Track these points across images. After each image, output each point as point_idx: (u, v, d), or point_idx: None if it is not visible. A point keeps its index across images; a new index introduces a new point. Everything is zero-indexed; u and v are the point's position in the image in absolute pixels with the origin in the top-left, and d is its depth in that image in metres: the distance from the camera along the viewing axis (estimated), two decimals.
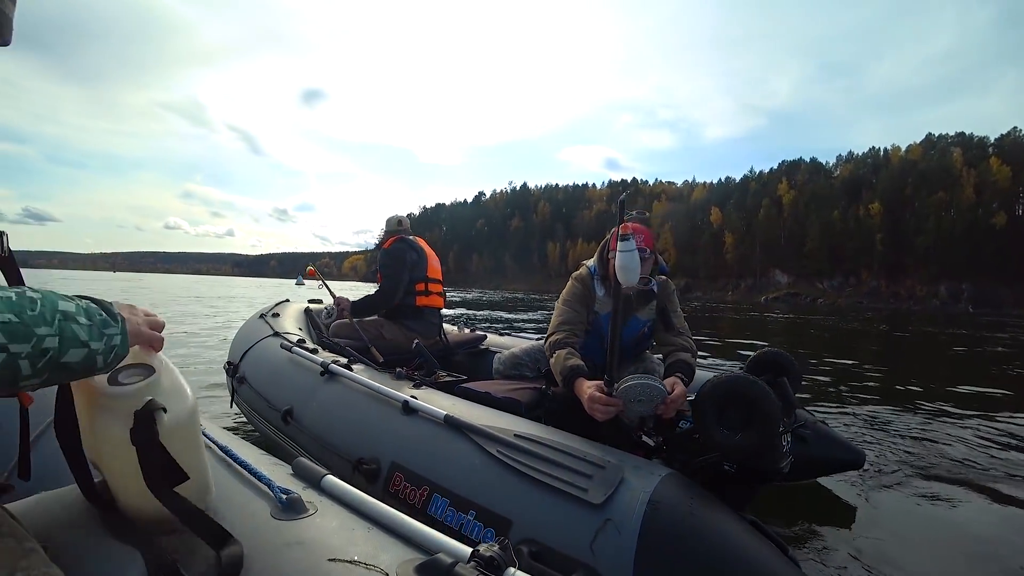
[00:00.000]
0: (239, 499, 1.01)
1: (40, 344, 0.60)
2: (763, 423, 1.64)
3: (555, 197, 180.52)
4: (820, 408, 4.85)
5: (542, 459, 1.49)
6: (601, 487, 1.38)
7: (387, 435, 1.88)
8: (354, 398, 2.12)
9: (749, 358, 2.28)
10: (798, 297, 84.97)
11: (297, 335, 3.07)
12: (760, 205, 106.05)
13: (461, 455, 1.64)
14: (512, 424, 1.72)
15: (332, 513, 0.99)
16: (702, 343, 11.16)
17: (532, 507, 1.42)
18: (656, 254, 2.30)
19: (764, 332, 16.27)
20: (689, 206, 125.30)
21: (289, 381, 2.50)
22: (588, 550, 1.29)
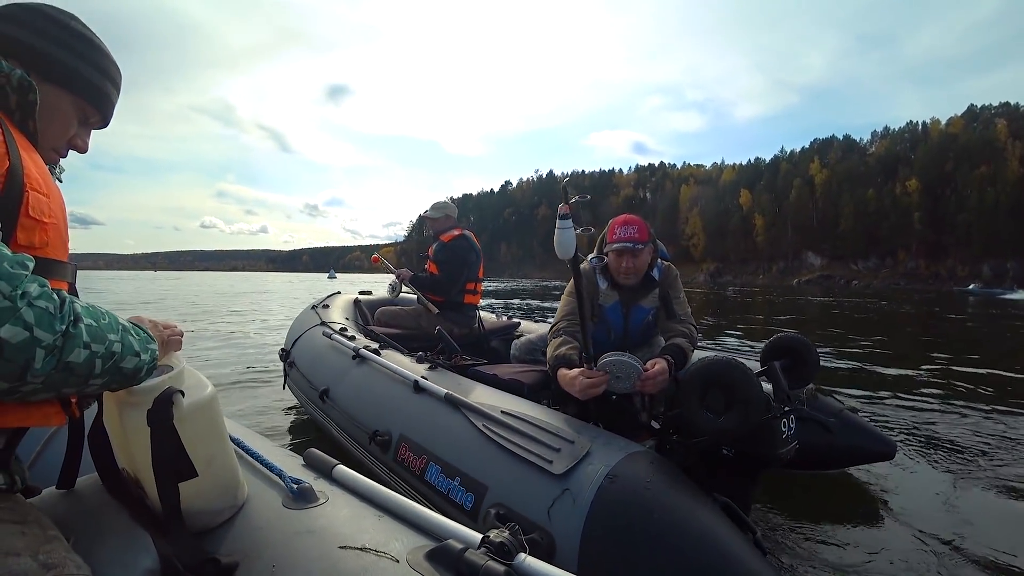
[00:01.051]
0: (251, 489, 1.03)
1: (110, 348, 0.69)
2: (744, 406, 1.66)
3: (582, 183, 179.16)
4: (854, 396, 4.58)
5: (520, 433, 1.61)
6: (565, 460, 1.48)
7: (399, 411, 2.07)
8: (377, 379, 2.33)
9: (766, 344, 2.30)
10: (831, 279, 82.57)
11: (341, 324, 3.29)
12: (791, 186, 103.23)
13: (454, 428, 1.79)
14: (507, 403, 1.84)
15: (343, 502, 1.00)
16: (729, 329, 10.94)
17: (505, 475, 1.54)
18: (656, 243, 2.29)
19: (795, 317, 15.69)
20: (718, 189, 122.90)
21: (327, 365, 2.76)
22: (546, 515, 1.40)
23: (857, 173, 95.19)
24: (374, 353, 2.48)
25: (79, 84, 0.86)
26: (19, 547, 0.68)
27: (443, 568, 0.79)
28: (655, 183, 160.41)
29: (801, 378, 2.21)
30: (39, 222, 0.72)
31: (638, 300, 2.31)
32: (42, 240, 0.74)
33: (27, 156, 0.74)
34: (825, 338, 9.14)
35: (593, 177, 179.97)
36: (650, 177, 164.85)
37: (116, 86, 0.93)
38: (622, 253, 2.20)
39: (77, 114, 0.88)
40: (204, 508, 0.92)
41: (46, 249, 0.75)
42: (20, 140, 0.75)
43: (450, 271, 3.49)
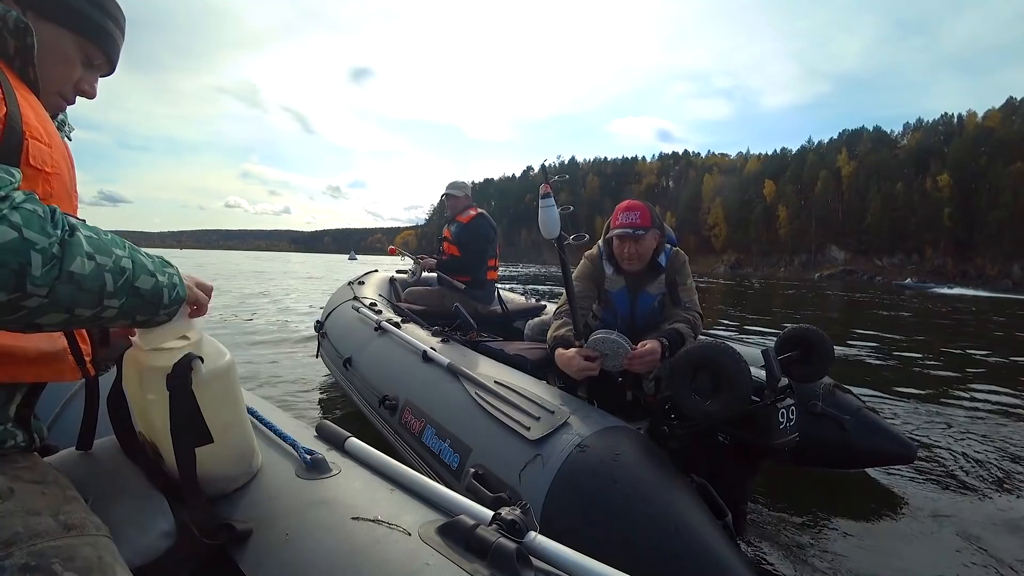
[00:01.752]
0: (265, 458, 1.05)
1: (119, 262, 0.63)
2: (730, 390, 1.66)
3: (604, 171, 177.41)
4: (875, 395, 4.39)
5: (507, 402, 1.71)
6: (541, 427, 1.56)
7: (407, 378, 2.20)
8: (393, 349, 2.48)
9: (779, 335, 2.29)
10: (854, 275, 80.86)
11: (372, 299, 3.47)
12: (817, 178, 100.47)
13: (450, 395, 1.90)
14: (504, 375, 1.93)
15: (355, 474, 1.01)
16: (748, 320, 10.94)
17: (488, 439, 1.65)
18: (662, 228, 2.29)
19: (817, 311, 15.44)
20: (742, 179, 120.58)
21: (353, 335, 2.95)
22: (517, 477, 1.49)
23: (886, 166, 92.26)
24: (394, 326, 2.61)
25: (80, 22, 0.81)
26: (40, 506, 0.68)
27: (454, 543, 0.80)
28: (678, 172, 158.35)
29: (814, 371, 2.21)
30: (40, 171, 0.69)
31: (644, 286, 2.31)
32: (45, 191, 0.71)
33: (26, 104, 0.70)
34: (847, 334, 8.93)
35: (615, 164, 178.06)
36: (673, 165, 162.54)
37: (119, 26, 0.89)
38: (624, 239, 2.20)
39: (80, 56, 0.84)
40: (220, 474, 0.94)
41: (49, 200, 0.70)
42: (19, 88, 0.71)
43: (475, 250, 3.58)
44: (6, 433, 0.73)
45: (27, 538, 0.63)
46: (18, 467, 0.73)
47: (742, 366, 1.68)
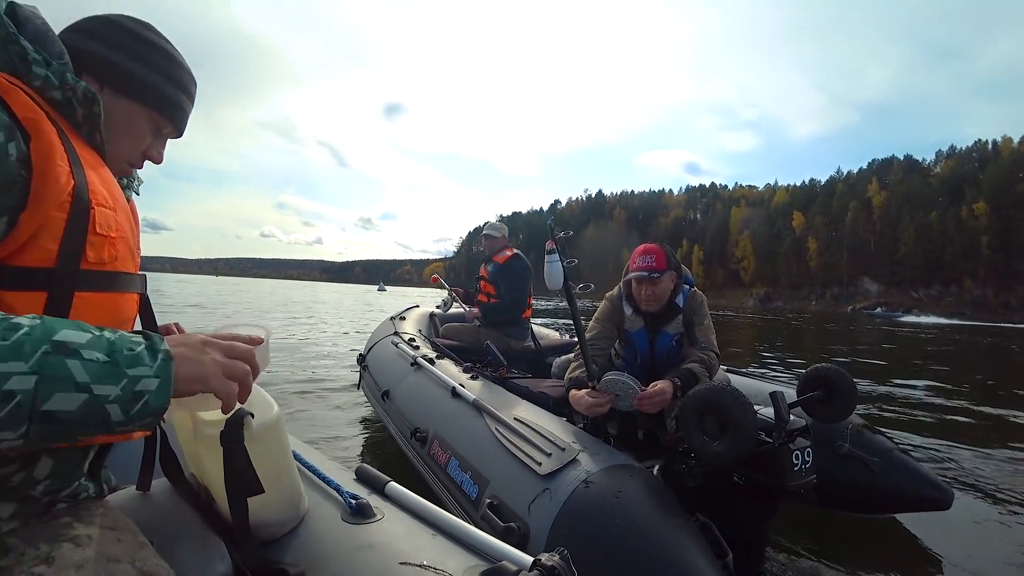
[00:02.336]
0: (310, 501, 1.07)
1: (2, 384, 0.48)
2: (736, 432, 1.67)
3: (631, 204, 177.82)
4: (909, 436, 4.14)
5: (523, 438, 1.79)
6: (552, 463, 1.64)
7: (437, 412, 2.31)
8: (426, 384, 2.59)
9: (801, 375, 2.28)
10: (888, 307, 78.74)
11: (412, 334, 3.65)
12: (847, 208, 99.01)
13: (474, 430, 1.99)
14: (525, 412, 2.02)
15: (398, 519, 1.02)
16: (769, 357, 10.65)
17: (504, 472, 1.73)
18: (679, 269, 2.33)
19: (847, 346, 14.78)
20: (770, 211, 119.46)
21: (391, 369, 3.09)
22: (527, 508, 1.56)
23: (919, 195, 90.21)
24: (429, 362, 2.74)
25: (153, 97, 0.84)
26: (118, 553, 0.69)
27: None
28: (705, 204, 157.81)
29: (837, 411, 2.17)
30: (106, 237, 0.70)
31: (663, 326, 2.35)
32: (111, 255, 0.72)
33: (92, 171, 0.71)
34: (878, 370, 8.67)
35: (642, 197, 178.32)
36: (700, 198, 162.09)
37: (190, 96, 0.92)
38: (641, 282, 2.27)
39: (150, 126, 0.86)
40: (270, 520, 0.96)
41: (115, 263, 0.73)
42: (86, 154, 0.73)
43: (513, 287, 3.69)
44: (80, 487, 0.74)
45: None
46: (94, 514, 0.73)
47: (746, 408, 1.69)
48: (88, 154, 0.74)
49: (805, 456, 1.79)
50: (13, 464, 0.65)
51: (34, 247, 0.63)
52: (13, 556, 0.62)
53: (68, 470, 0.72)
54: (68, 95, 0.72)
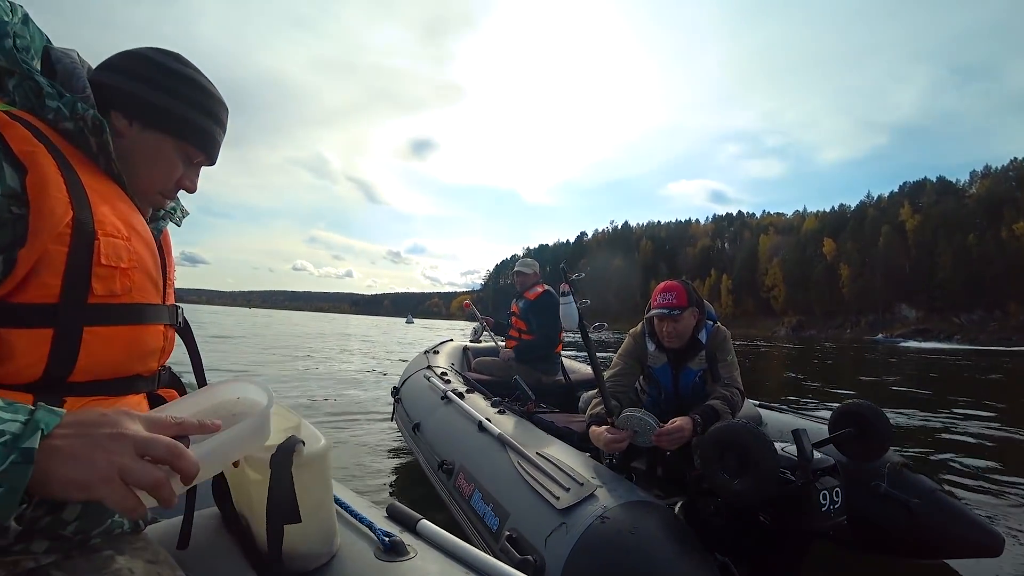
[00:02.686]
0: (343, 538, 1.07)
1: None
2: (756, 469, 1.66)
3: (658, 235, 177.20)
4: (955, 476, 3.89)
5: (543, 472, 1.81)
6: (570, 498, 1.64)
7: (463, 445, 2.35)
8: (454, 418, 2.64)
9: (833, 411, 2.23)
10: (927, 333, 75.49)
11: (444, 368, 3.68)
12: (879, 233, 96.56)
13: (498, 463, 2.02)
14: (548, 446, 2.04)
15: (431, 557, 1.02)
16: (804, 389, 10.28)
17: (523, 505, 1.74)
18: (702, 305, 2.33)
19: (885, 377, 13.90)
20: (800, 238, 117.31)
21: (422, 402, 3.14)
22: (543, 542, 1.57)
23: (955, 217, 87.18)
24: (458, 396, 2.79)
25: (180, 127, 0.83)
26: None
27: None
28: (733, 233, 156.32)
29: (871, 449, 2.12)
30: (116, 268, 0.68)
31: (686, 362, 2.34)
32: (124, 286, 0.70)
33: (104, 202, 0.70)
34: (920, 402, 8.14)
35: (669, 227, 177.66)
36: (728, 227, 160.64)
37: (220, 124, 0.90)
38: (662, 319, 2.27)
39: (181, 156, 0.85)
40: (304, 552, 0.97)
41: (131, 294, 0.71)
42: (100, 185, 0.71)
43: (546, 331, 3.77)
44: (114, 524, 0.74)
45: None
46: (135, 547, 0.74)
47: (766, 445, 1.67)
48: (102, 185, 0.73)
49: (834, 496, 1.75)
50: (40, 508, 0.63)
51: (35, 283, 0.61)
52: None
53: (99, 511, 0.70)
54: (80, 125, 0.71)
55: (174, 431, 0.54)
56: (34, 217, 0.60)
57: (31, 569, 0.63)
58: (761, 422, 2.72)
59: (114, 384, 0.73)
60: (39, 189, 0.61)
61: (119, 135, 0.78)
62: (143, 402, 0.79)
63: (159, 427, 0.53)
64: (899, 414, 6.69)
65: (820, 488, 1.73)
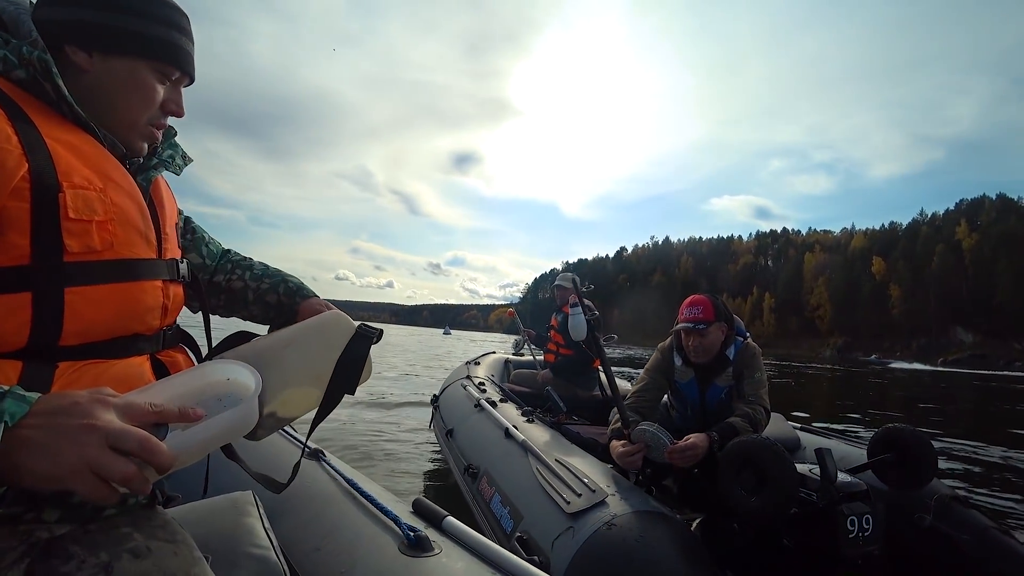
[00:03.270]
0: (367, 531, 1.06)
1: None
2: (773, 486, 1.62)
3: (699, 250, 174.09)
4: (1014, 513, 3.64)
5: (559, 478, 1.83)
6: (580, 503, 1.66)
7: (489, 451, 2.41)
8: (484, 424, 2.71)
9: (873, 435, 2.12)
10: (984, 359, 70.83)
11: (483, 379, 3.78)
12: (933, 252, 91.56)
13: (519, 468, 2.06)
14: (569, 455, 2.07)
15: (456, 554, 1.00)
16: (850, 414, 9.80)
17: (537, 508, 1.78)
18: (730, 320, 2.29)
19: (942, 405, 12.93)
20: (847, 256, 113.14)
21: (458, 410, 3.24)
22: (551, 544, 1.60)
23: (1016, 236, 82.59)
24: (491, 405, 2.86)
25: (145, 46, 0.74)
26: (174, 567, 0.67)
27: None
28: (777, 250, 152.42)
29: (913, 477, 1.99)
30: (89, 222, 0.63)
31: (713, 378, 2.30)
32: (104, 241, 0.65)
33: (69, 151, 0.64)
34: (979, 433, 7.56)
35: (711, 244, 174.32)
36: (772, 244, 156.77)
37: (183, 31, 0.80)
38: (689, 333, 2.24)
39: (156, 77, 0.77)
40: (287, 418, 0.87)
41: (114, 249, 0.67)
42: (64, 134, 0.66)
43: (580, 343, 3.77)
44: (128, 495, 0.71)
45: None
46: (153, 525, 0.72)
47: (784, 461, 1.63)
48: (67, 134, 0.67)
49: (863, 523, 1.68)
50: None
51: (1, 244, 0.58)
52: (74, 563, 0.61)
53: None
54: (31, 71, 0.66)
55: (152, 419, 0.51)
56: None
57: (47, 540, 0.62)
58: (800, 445, 2.66)
59: (112, 346, 0.69)
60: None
61: (81, 70, 0.71)
62: (145, 364, 0.74)
63: (136, 415, 0.50)
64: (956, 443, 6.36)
65: (848, 513, 1.67)
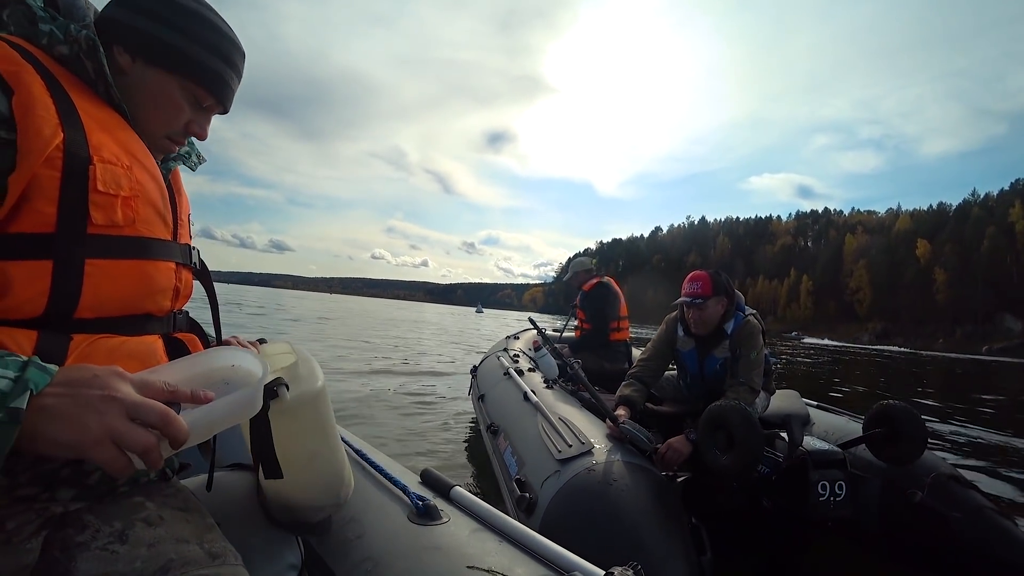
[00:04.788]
0: (376, 501, 1.05)
1: None
2: (741, 447, 1.75)
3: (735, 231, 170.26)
4: None
5: (557, 432, 2.00)
6: (570, 451, 1.82)
7: (509, 412, 2.61)
8: (509, 389, 2.91)
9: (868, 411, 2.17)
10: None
11: (517, 352, 3.96)
12: (984, 235, 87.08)
13: (528, 425, 2.25)
14: (574, 415, 2.23)
15: (464, 523, 1.00)
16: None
17: (535, 455, 1.95)
18: (733, 295, 2.40)
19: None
20: (891, 239, 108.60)
21: (490, 377, 3.46)
22: (540, 484, 1.76)
23: None
24: (518, 373, 3.09)
25: (184, 65, 0.76)
26: (187, 534, 0.67)
27: None
28: (817, 231, 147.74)
29: (904, 452, 2.04)
30: (115, 196, 0.64)
31: (711, 349, 2.43)
32: (127, 216, 0.66)
33: (103, 130, 0.66)
34: None
35: (748, 224, 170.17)
36: (812, 225, 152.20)
37: (234, 68, 0.82)
38: (688, 306, 2.40)
39: (187, 98, 0.79)
40: (301, 504, 0.89)
41: (135, 226, 0.67)
42: (99, 113, 0.68)
43: (595, 315, 4.10)
44: (139, 473, 0.71)
45: (180, 565, 0.62)
46: (165, 495, 0.72)
47: (750, 424, 1.75)
48: (101, 112, 0.69)
49: (835, 488, 1.78)
50: (57, 459, 0.62)
51: (29, 210, 0.58)
52: (89, 532, 0.62)
53: None
54: (75, 48, 0.69)
55: (166, 397, 0.53)
56: (21, 138, 0.57)
57: (61, 514, 0.63)
58: (808, 420, 2.65)
59: (124, 322, 0.69)
60: (25, 109, 0.58)
61: (122, 72, 0.74)
62: (158, 343, 0.74)
63: (151, 391, 0.52)
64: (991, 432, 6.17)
65: (820, 478, 1.78)
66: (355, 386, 5.73)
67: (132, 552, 0.62)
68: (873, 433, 2.09)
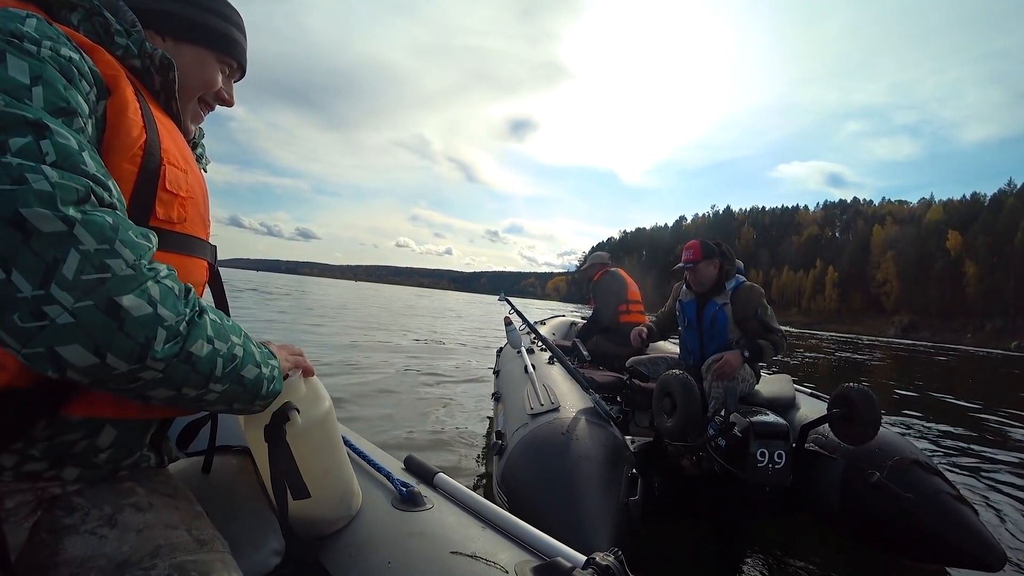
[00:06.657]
0: (361, 487, 1.04)
1: (232, 349, 0.64)
2: (681, 411, 1.99)
3: (761, 221, 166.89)
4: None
5: (536, 394, 2.25)
6: (540, 408, 2.04)
7: (513, 382, 2.85)
8: (516, 365, 3.12)
9: None
10: None
11: (541, 334, 4.04)
12: (1017, 227, 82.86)
13: (520, 392, 2.49)
14: (561, 384, 2.47)
15: (447, 509, 1.01)
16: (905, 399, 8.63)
17: (514, 412, 2.22)
18: (726, 255, 2.69)
19: None
20: (920, 230, 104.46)
21: (508, 355, 3.66)
22: (512, 434, 1.98)
23: None
24: (528, 352, 3.30)
25: (212, 38, 0.85)
26: (175, 520, 0.69)
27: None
28: (845, 222, 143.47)
29: (858, 433, 2.09)
30: (176, 196, 0.70)
31: (711, 298, 2.74)
32: (180, 215, 0.71)
33: (166, 132, 0.71)
34: None
35: (774, 214, 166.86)
36: (840, 215, 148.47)
37: (242, 30, 0.90)
38: (684, 270, 2.78)
39: (219, 67, 0.88)
40: (318, 517, 0.93)
41: (184, 224, 0.73)
42: (161, 118, 0.73)
43: (600, 303, 4.51)
44: (142, 457, 0.75)
45: (168, 551, 0.64)
46: (155, 481, 0.74)
47: (690, 391, 1.97)
48: (166, 120, 0.75)
49: (775, 456, 1.94)
50: (78, 431, 0.65)
51: None
52: (79, 515, 0.64)
53: (132, 440, 0.71)
54: (147, 63, 0.74)
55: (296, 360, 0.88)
56: (111, 135, 0.63)
57: (56, 495, 0.65)
58: (795, 404, 2.74)
59: None
60: (119, 110, 0.64)
61: None
62: None
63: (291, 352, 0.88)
64: None
65: (759, 447, 1.93)
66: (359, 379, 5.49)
67: (121, 536, 0.64)
68: (832, 413, 2.17)
